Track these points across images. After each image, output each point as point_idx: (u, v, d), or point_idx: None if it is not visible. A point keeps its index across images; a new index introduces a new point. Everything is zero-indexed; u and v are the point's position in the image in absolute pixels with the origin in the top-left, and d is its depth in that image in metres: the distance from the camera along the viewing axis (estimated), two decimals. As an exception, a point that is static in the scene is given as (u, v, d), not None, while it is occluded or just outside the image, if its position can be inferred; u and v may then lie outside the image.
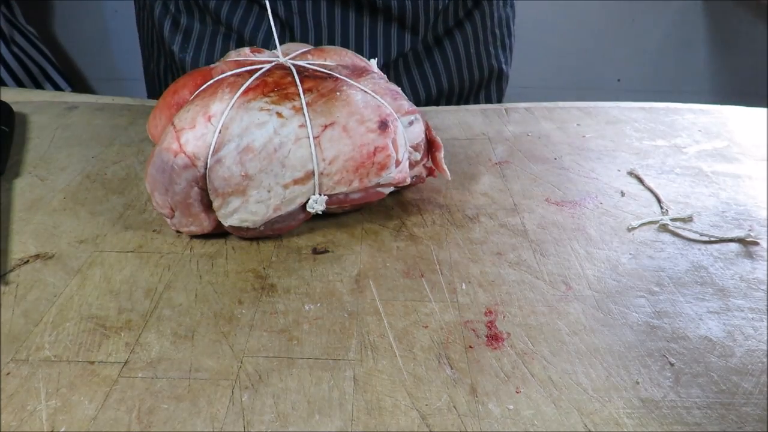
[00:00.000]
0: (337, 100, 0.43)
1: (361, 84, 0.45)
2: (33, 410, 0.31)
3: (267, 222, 0.42)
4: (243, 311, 0.37)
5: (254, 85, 0.42)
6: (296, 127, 0.41)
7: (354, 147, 0.42)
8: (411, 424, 0.31)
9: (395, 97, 0.45)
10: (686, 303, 0.39)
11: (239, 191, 0.41)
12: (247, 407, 0.31)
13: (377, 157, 0.43)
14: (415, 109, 0.46)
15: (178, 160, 0.40)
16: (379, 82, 0.46)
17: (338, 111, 0.42)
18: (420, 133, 0.46)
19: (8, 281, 0.40)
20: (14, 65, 1.17)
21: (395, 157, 0.43)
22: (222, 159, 0.40)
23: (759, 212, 0.48)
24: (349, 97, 0.43)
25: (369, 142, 0.42)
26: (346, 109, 0.42)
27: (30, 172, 0.52)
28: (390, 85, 0.47)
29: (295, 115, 0.41)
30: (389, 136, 0.43)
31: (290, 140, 0.41)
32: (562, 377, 0.33)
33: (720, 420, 0.31)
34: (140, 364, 0.34)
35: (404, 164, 0.45)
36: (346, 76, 0.45)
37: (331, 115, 0.42)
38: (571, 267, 0.42)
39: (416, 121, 0.46)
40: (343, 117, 0.42)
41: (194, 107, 0.42)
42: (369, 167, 0.43)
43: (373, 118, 0.43)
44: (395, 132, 0.43)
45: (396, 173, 0.44)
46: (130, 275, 0.40)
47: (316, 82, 0.43)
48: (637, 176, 0.53)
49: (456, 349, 0.35)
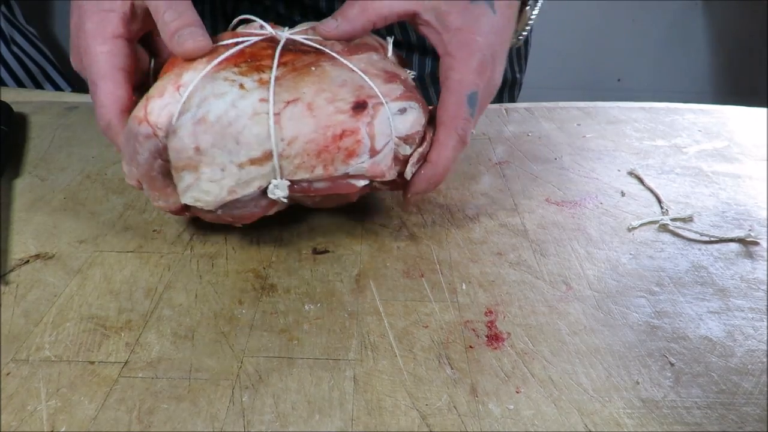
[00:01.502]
0: (309, 75, 0.38)
1: (351, 61, 0.40)
2: (33, 410, 0.31)
3: (225, 206, 0.39)
4: (243, 311, 0.37)
5: (234, 56, 0.39)
6: (256, 101, 0.37)
7: (317, 128, 0.37)
8: (411, 424, 0.31)
9: (390, 80, 0.40)
10: (686, 303, 0.39)
11: (191, 166, 0.37)
12: (247, 407, 0.31)
13: (344, 141, 0.37)
14: (413, 95, 0.40)
15: (141, 129, 0.37)
16: (377, 62, 0.41)
17: (306, 87, 0.38)
18: (415, 124, 0.40)
19: (8, 281, 0.40)
20: (14, 65, 1.17)
21: (368, 145, 0.38)
22: (176, 129, 0.37)
23: (759, 212, 0.48)
24: (324, 73, 0.38)
25: (335, 123, 0.37)
26: (316, 85, 0.38)
27: (30, 172, 0.52)
28: (392, 66, 0.42)
29: (258, 87, 0.37)
30: (363, 120, 0.38)
31: (246, 114, 0.37)
32: (562, 377, 0.33)
33: (720, 420, 0.31)
34: (140, 364, 0.34)
35: (384, 156, 0.39)
36: (338, 52, 0.41)
37: (296, 90, 0.38)
38: (571, 267, 0.42)
39: (411, 110, 0.40)
40: (310, 94, 0.38)
41: (168, 75, 0.39)
42: (334, 152, 0.37)
43: (348, 97, 0.38)
44: (375, 117, 0.38)
45: (369, 164, 0.38)
46: (130, 275, 0.40)
47: (296, 56, 0.39)
48: (637, 176, 0.53)
49: (456, 349, 0.35)
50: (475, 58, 0.41)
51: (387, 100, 0.39)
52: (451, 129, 0.40)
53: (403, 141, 0.40)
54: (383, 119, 0.38)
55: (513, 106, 0.67)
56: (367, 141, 0.38)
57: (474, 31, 0.41)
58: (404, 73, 0.43)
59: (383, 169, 0.39)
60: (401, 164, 0.41)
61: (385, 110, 0.39)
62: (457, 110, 0.40)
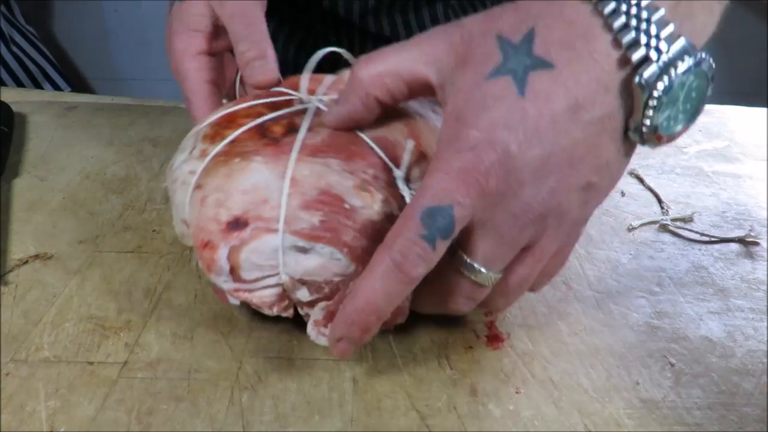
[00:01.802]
0: (226, 166, 0.33)
1: (305, 162, 0.32)
2: (32, 411, 0.31)
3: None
4: (243, 311, 0.37)
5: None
6: (187, 172, 0.35)
7: (197, 224, 0.33)
8: (411, 424, 0.31)
9: (314, 206, 0.31)
10: (687, 303, 0.39)
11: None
12: (246, 408, 0.31)
13: (205, 251, 0.32)
14: (332, 238, 0.31)
15: None
16: (327, 173, 0.32)
17: (214, 178, 0.33)
18: (320, 270, 0.31)
19: (7, 281, 0.39)
20: (14, 65, 1.17)
21: (226, 269, 0.32)
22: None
23: (759, 212, 0.48)
24: (241, 171, 0.32)
25: (206, 229, 0.32)
26: (222, 180, 0.33)
27: (30, 172, 0.52)
28: (342, 188, 0.32)
29: (198, 159, 0.34)
30: (229, 242, 0.31)
31: (179, 179, 0.35)
32: (562, 378, 0.33)
33: (720, 420, 0.31)
34: (140, 364, 0.34)
35: (261, 288, 0.32)
36: (303, 147, 0.33)
37: (207, 176, 0.33)
38: (571, 267, 0.42)
39: (316, 253, 0.31)
40: (211, 187, 0.33)
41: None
42: (200, 257, 0.33)
43: (234, 209, 0.32)
44: (246, 243, 0.31)
45: (234, 287, 0.32)
46: (130, 275, 0.40)
47: (252, 135, 0.34)
48: (637, 176, 0.53)
49: (456, 350, 0.35)
50: (459, 159, 0.27)
51: (285, 228, 0.31)
52: (384, 250, 0.28)
53: (300, 283, 0.32)
54: (263, 250, 0.31)
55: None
56: (225, 265, 0.32)
57: (471, 119, 0.27)
58: (366, 199, 0.32)
59: (257, 302, 0.33)
60: (305, 306, 0.33)
61: (271, 241, 0.31)
62: (401, 227, 0.28)
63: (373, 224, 0.31)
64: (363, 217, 0.31)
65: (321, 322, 0.33)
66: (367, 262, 0.30)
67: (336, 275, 0.31)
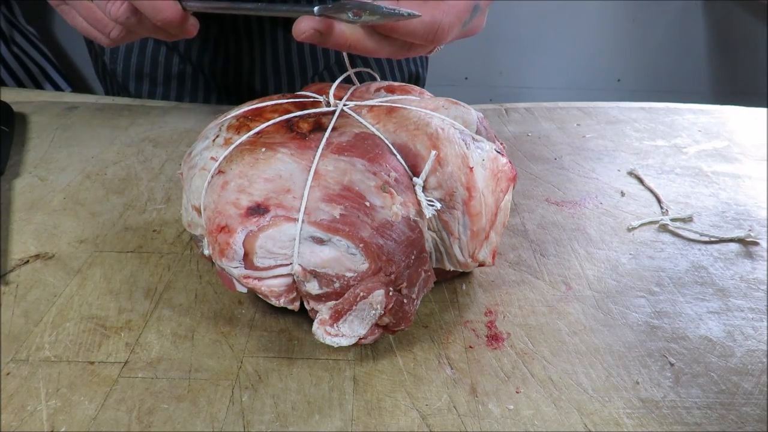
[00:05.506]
0: (250, 154, 0.34)
1: (329, 158, 0.34)
2: (33, 410, 0.31)
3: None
4: (243, 311, 0.37)
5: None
6: (208, 158, 0.36)
7: (214, 208, 0.33)
8: (411, 424, 0.31)
9: (336, 199, 0.32)
10: (686, 303, 0.39)
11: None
12: (247, 407, 0.31)
13: (221, 236, 0.33)
14: (349, 232, 0.31)
15: None
16: (350, 171, 0.33)
17: (236, 165, 0.34)
18: (333, 264, 0.32)
19: (8, 281, 0.40)
20: (14, 65, 1.17)
21: (240, 254, 0.32)
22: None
23: (759, 212, 0.48)
24: (266, 161, 0.34)
25: (223, 214, 0.33)
26: (245, 168, 0.34)
27: (30, 172, 0.52)
28: (354, 178, 0.33)
29: (222, 146, 0.36)
30: (247, 227, 0.32)
31: (198, 166, 0.36)
32: (562, 377, 0.33)
33: (720, 420, 0.31)
34: (140, 364, 0.34)
35: (270, 276, 0.33)
36: (334, 142, 0.35)
37: (229, 164, 0.34)
38: (571, 267, 0.42)
39: (332, 245, 0.32)
40: (234, 173, 0.34)
41: None
42: (213, 241, 0.33)
43: (254, 195, 0.33)
44: (264, 230, 0.32)
45: (244, 274, 0.33)
46: (130, 275, 0.40)
47: (279, 129, 0.36)
48: (637, 176, 0.53)
49: (456, 349, 0.35)
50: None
51: (305, 219, 0.32)
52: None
53: (311, 275, 0.32)
54: (279, 238, 0.32)
55: (513, 106, 0.67)
56: (239, 250, 0.32)
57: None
58: (385, 200, 0.33)
59: (265, 290, 0.33)
60: (312, 300, 0.33)
61: (289, 229, 0.32)
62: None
63: (390, 225, 0.32)
64: (381, 217, 0.32)
65: (327, 321, 0.33)
66: (381, 261, 0.31)
67: (348, 270, 0.32)
